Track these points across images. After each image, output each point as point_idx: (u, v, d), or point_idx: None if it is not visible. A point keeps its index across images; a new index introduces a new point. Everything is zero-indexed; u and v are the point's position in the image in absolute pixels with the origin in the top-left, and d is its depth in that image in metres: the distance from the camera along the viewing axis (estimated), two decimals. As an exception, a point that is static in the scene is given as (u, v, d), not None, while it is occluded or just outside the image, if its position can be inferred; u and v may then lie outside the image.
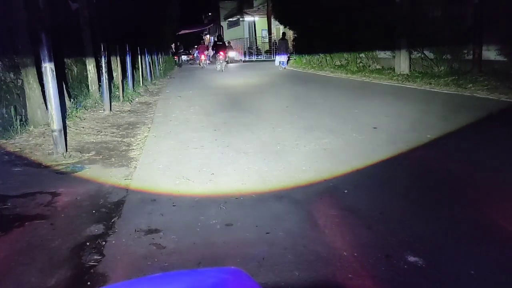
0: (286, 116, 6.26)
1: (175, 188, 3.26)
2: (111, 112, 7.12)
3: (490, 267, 2.00)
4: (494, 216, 2.59)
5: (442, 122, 5.52)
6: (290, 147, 4.39)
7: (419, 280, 1.91)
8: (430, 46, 10.87)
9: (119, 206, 2.93)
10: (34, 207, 2.95)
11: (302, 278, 1.95)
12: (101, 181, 3.48)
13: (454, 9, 10.45)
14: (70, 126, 5.62)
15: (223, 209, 2.79)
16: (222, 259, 2.15)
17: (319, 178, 3.39)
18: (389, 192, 3.07)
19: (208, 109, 7.32)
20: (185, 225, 2.57)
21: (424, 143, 4.45)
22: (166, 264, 2.12)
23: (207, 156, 4.17)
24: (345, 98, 8.26)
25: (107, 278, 2.01)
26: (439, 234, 2.35)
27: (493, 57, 9.23)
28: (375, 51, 13.85)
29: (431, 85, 9.37)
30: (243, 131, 5.32)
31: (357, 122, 5.57)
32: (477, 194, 2.96)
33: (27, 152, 4.40)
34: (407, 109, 6.62)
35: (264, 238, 2.35)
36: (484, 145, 4.30)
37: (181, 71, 20.97)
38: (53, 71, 4.15)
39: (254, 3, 33.36)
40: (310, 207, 2.85)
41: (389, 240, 2.28)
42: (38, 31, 4.11)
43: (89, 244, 2.36)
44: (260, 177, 3.46)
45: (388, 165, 3.80)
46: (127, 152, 4.51)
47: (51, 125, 4.21)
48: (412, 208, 2.75)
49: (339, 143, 4.50)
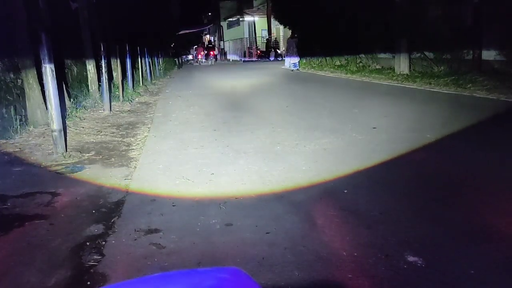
0: (286, 116, 6.26)
1: (175, 188, 3.26)
2: (111, 112, 7.12)
3: (490, 267, 2.00)
4: (494, 216, 2.59)
5: (442, 122, 5.52)
6: (290, 147, 4.39)
7: (419, 280, 1.91)
8: (430, 46, 10.87)
9: (119, 206, 2.93)
10: (34, 207, 2.94)
11: (301, 278, 1.95)
12: (101, 181, 3.48)
13: (454, 9, 10.45)
14: (70, 126, 5.62)
15: (223, 209, 2.79)
16: (222, 259, 2.15)
17: (319, 178, 3.39)
18: (389, 192, 3.07)
19: (208, 109, 7.32)
20: (185, 225, 2.57)
21: (424, 143, 4.45)
22: (166, 264, 2.12)
23: (207, 156, 4.17)
24: (345, 98, 8.26)
25: (107, 278, 2.01)
26: (439, 234, 2.35)
27: (492, 57, 9.24)
28: (374, 51, 13.86)
29: (430, 85, 9.37)
30: (243, 131, 5.32)
31: (356, 122, 5.58)
32: (477, 194, 2.96)
33: (27, 152, 4.40)
34: (406, 109, 6.62)
35: (264, 238, 2.35)
36: (484, 145, 4.30)
37: (180, 72, 20.97)
38: (53, 71, 4.15)
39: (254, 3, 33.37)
40: (310, 207, 2.85)
41: (389, 240, 2.28)
42: (38, 31, 4.11)
43: (89, 244, 2.36)
44: (260, 177, 3.46)
45: (387, 165, 3.80)
46: (127, 152, 4.51)
47: (51, 125, 4.21)
48: (412, 208, 2.75)
49: (339, 143, 4.50)
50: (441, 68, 10.65)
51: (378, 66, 13.72)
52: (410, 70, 11.59)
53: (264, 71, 17.44)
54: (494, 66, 9.16)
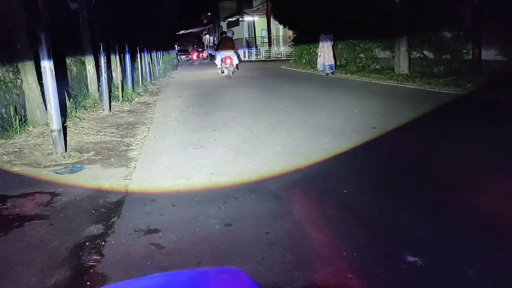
0: (286, 116, 6.26)
1: (174, 188, 3.26)
2: (110, 112, 7.11)
3: (490, 267, 2.00)
4: (494, 216, 2.59)
5: (442, 123, 5.53)
6: (290, 147, 4.39)
7: (418, 280, 1.91)
8: (430, 46, 10.88)
9: (119, 206, 2.93)
10: (33, 207, 2.94)
11: (301, 278, 1.95)
12: (101, 181, 3.48)
13: (454, 9, 10.45)
14: (70, 126, 5.62)
15: (223, 209, 2.79)
16: (221, 259, 2.16)
17: (319, 178, 3.39)
18: (389, 192, 3.07)
19: (208, 109, 7.32)
20: (185, 225, 2.57)
21: (424, 144, 4.46)
22: (166, 264, 2.12)
23: (206, 156, 4.17)
24: (345, 98, 8.26)
25: (107, 278, 2.01)
26: (438, 233, 2.35)
27: (492, 57, 9.25)
28: (374, 51, 13.87)
29: (430, 85, 9.37)
30: (243, 131, 5.32)
31: (356, 122, 5.58)
32: (477, 194, 2.96)
33: (27, 152, 4.40)
34: (406, 109, 6.63)
35: (263, 238, 2.35)
36: (486, 145, 4.30)
37: (180, 72, 20.96)
38: (53, 71, 4.15)
39: (254, 3, 33.40)
40: (310, 207, 2.85)
41: (388, 239, 2.28)
42: (37, 31, 4.11)
43: (88, 244, 2.36)
44: (259, 177, 3.46)
45: (387, 165, 3.81)
46: (126, 152, 4.50)
47: (50, 125, 4.21)
48: (412, 208, 2.75)
49: (338, 143, 4.50)
50: (441, 68, 10.65)
51: (378, 66, 13.73)
52: (410, 70, 11.59)
53: (263, 70, 17.43)
54: (493, 66, 9.17)
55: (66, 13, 8.07)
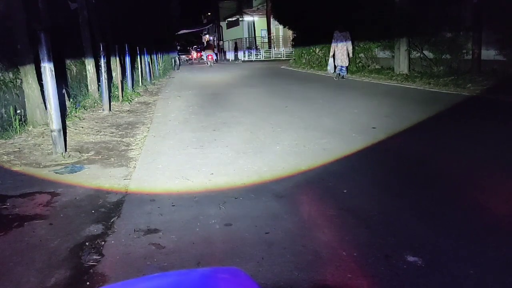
0: (286, 116, 6.26)
1: (174, 188, 3.26)
2: (110, 112, 7.11)
3: (490, 267, 2.00)
4: (494, 216, 2.59)
5: (441, 123, 5.53)
6: (290, 147, 4.39)
7: (418, 280, 1.91)
8: (430, 46, 10.88)
9: (118, 206, 2.93)
10: (33, 207, 2.94)
11: (301, 278, 1.95)
12: (100, 181, 3.48)
13: (454, 9, 10.45)
14: (69, 126, 5.62)
15: (222, 209, 2.79)
16: (221, 259, 2.15)
17: (319, 178, 3.39)
18: (388, 192, 3.07)
19: (208, 109, 7.32)
20: (184, 225, 2.57)
21: (423, 144, 4.46)
22: (165, 264, 2.12)
23: (206, 156, 4.17)
24: (344, 98, 8.26)
25: (106, 278, 2.01)
26: (438, 233, 2.35)
27: (492, 57, 9.24)
28: (374, 50, 13.86)
29: (430, 85, 9.37)
30: (243, 131, 5.32)
31: (356, 122, 5.58)
32: (478, 195, 2.96)
33: (26, 152, 4.40)
34: (406, 109, 6.62)
35: (263, 238, 2.35)
36: (486, 145, 4.30)
37: (180, 72, 20.96)
38: (52, 71, 4.15)
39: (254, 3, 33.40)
40: (310, 206, 2.85)
41: (388, 239, 2.28)
42: (37, 31, 4.11)
43: (88, 244, 2.36)
44: (259, 177, 3.46)
45: (387, 165, 3.80)
46: (126, 152, 4.50)
47: (50, 125, 4.21)
48: (411, 208, 2.74)
49: (339, 143, 4.50)
50: (441, 68, 10.65)
51: (378, 66, 13.73)
52: (410, 70, 11.59)
53: (263, 70, 17.43)
54: (493, 66, 9.16)
55: (66, 13, 8.07)
